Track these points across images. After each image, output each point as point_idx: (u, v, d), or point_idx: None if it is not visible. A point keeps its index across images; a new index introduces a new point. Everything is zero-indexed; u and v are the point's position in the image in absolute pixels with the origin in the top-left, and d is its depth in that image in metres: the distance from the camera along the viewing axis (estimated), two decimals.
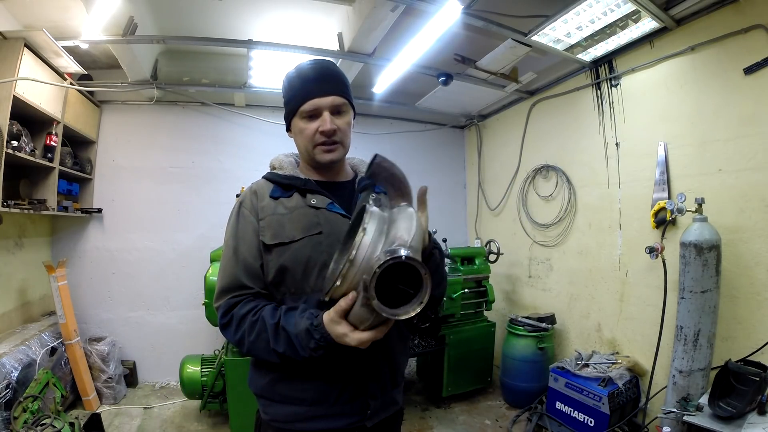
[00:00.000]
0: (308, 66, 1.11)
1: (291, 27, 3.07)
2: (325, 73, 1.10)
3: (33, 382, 2.53)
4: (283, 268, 1.03)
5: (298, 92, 1.08)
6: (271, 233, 1.04)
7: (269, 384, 1.05)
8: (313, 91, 1.07)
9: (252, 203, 1.09)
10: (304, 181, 1.11)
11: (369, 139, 4.51)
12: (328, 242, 1.04)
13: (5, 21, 2.52)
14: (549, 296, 3.71)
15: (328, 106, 1.07)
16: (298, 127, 1.10)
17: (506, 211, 4.30)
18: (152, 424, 3.09)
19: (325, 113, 1.07)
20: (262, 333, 0.96)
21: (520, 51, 2.89)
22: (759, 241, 2.18)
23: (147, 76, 3.34)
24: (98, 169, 3.73)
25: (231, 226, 1.10)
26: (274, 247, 1.03)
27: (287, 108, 1.13)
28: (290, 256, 1.02)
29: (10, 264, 3.04)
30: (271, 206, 1.08)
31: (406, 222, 0.83)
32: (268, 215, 1.07)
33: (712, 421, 1.89)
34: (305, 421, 1.02)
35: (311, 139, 1.08)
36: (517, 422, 3.09)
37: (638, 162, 2.86)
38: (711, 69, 2.41)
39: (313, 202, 1.08)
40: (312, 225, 1.05)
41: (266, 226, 1.05)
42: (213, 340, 3.72)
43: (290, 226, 1.05)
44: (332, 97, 1.07)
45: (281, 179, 1.12)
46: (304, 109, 1.07)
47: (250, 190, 1.13)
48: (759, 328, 2.16)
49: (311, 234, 1.04)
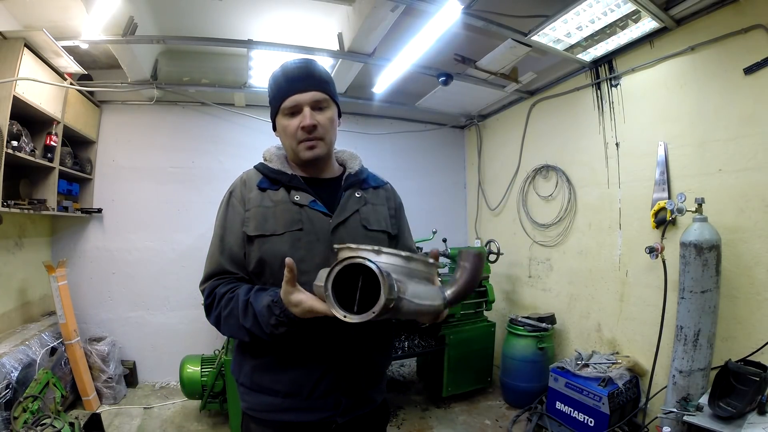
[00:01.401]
0: (290, 64, 1.12)
1: (291, 27, 3.07)
2: (304, 70, 1.10)
3: (33, 382, 2.53)
4: (262, 260, 1.05)
5: (280, 90, 1.10)
6: (254, 224, 1.07)
7: (249, 372, 1.08)
8: (293, 88, 1.08)
9: (241, 193, 1.12)
10: (289, 177, 1.12)
11: (369, 139, 4.51)
12: (307, 239, 1.06)
13: (5, 21, 2.52)
14: (549, 296, 3.71)
15: (308, 101, 1.08)
16: (281, 125, 1.12)
17: (506, 211, 4.30)
18: (152, 424, 3.09)
19: (306, 109, 1.08)
20: (234, 309, 0.99)
21: (520, 51, 2.89)
22: (759, 241, 2.18)
23: (147, 76, 3.34)
24: (98, 169, 3.73)
25: (220, 214, 1.13)
26: (255, 238, 1.06)
27: (272, 107, 1.15)
28: (269, 250, 1.05)
29: (10, 264, 3.03)
30: (258, 198, 1.10)
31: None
32: (254, 206, 1.09)
33: (712, 421, 1.89)
34: (279, 413, 1.05)
35: (294, 135, 1.09)
36: (517, 422, 3.09)
37: (638, 162, 2.86)
38: (711, 69, 2.41)
39: (296, 198, 1.09)
40: (293, 221, 1.07)
41: (251, 217, 1.08)
42: (213, 340, 3.72)
43: (273, 220, 1.07)
44: (312, 92, 1.08)
45: (269, 172, 1.14)
46: (285, 105, 1.09)
47: (240, 179, 1.16)
48: (759, 328, 2.16)
49: (292, 230, 1.06)
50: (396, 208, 1.28)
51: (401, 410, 3.32)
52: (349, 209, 1.14)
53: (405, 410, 3.33)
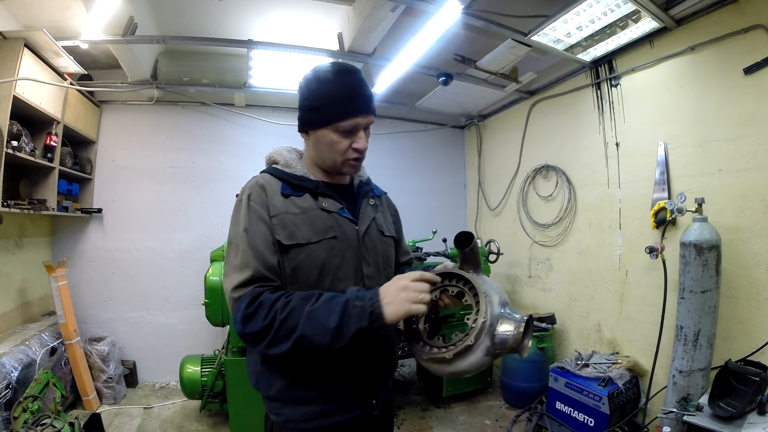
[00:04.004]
0: (349, 77, 1.06)
1: (291, 27, 3.07)
2: (367, 91, 1.07)
3: (33, 382, 2.53)
4: (297, 269, 1.02)
5: (339, 105, 1.03)
6: (286, 233, 1.02)
7: (284, 387, 1.04)
8: (357, 109, 1.04)
9: (261, 198, 1.04)
10: (315, 184, 1.10)
11: (369, 139, 4.51)
12: (341, 246, 1.06)
13: (5, 21, 2.52)
14: (549, 296, 3.71)
15: (366, 125, 1.07)
16: (328, 139, 1.06)
17: (506, 211, 4.30)
18: (152, 424, 3.09)
19: (361, 132, 1.07)
20: (295, 311, 0.91)
21: (520, 51, 2.89)
22: (759, 241, 2.18)
23: (147, 76, 3.34)
24: (98, 169, 3.73)
25: (242, 219, 1.03)
26: (291, 247, 1.01)
27: (316, 114, 1.06)
28: (306, 258, 1.02)
29: (10, 264, 3.04)
30: (283, 204, 1.05)
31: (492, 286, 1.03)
32: (281, 213, 1.03)
33: (712, 421, 1.89)
34: (321, 418, 1.05)
35: (343, 154, 1.07)
36: (517, 422, 3.09)
37: (638, 162, 2.86)
38: (711, 69, 2.41)
39: (324, 205, 1.08)
40: (327, 228, 1.05)
41: (279, 224, 1.02)
42: (213, 340, 3.72)
43: (305, 227, 1.03)
44: (371, 116, 1.07)
45: (291, 178, 1.10)
46: (344, 124, 1.03)
47: (256, 184, 1.08)
48: (759, 328, 2.16)
49: (327, 237, 1.04)
50: (395, 215, 1.35)
51: (401, 410, 3.32)
52: (368, 216, 1.17)
53: (405, 410, 3.33)
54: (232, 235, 1.04)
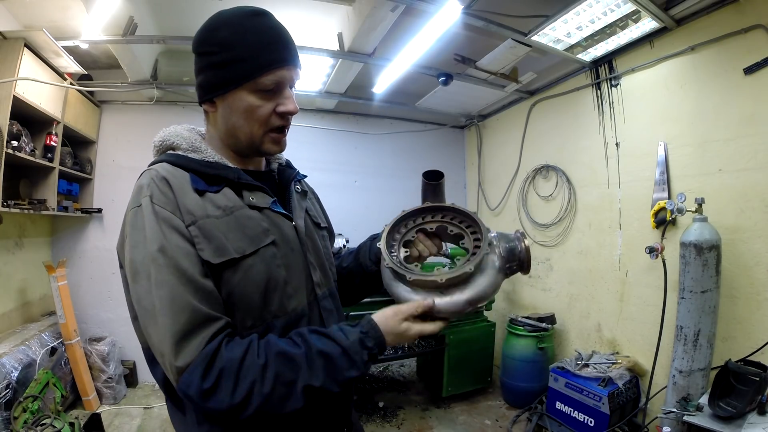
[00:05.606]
0: (263, 19, 0.81)
1: (291, 27, 3.04)
2: (288, 35, 0.84)
3: (33, 382, 2.53)
4: (232, 295, 0.75)
5: (257, 54, 0.78)
6: (212, 246, 0.73)
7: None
8: (280, 59, 0.80)
9: (168, 198, 0.75)
10: (236, 172, 0.82)
11: (369, 139, 4.51)
12: (283, 253, 0.81)
13: (5, 21, 2.52)
14: (549, 296, 3.71)
15: (292, 81, 0.83)
16: (244, 103, 0.80)
17: (506, 211, 4.30)
18: (152, 424, 3.09)
19: (287, 90, 0.83)
20: (281, 375, 0.69)
21: (520, 51, 2.89)
22: (759, 241, 2.18)
23: (147, 76, 3.34)
24: (98, 169, 3.73)
25: (149, 235, 0.71)
26: (223, 266, 0.74)
27: (226, 72, 0.79)
28: (243, 278, 0.75)
29: (10, 264, 3.03)
30: (198, 205, 0.76)
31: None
32: (200, 218, 0.74)
33: (712, 421, 1.89)
34: None
35: (265, 122, 0.82)
36: (517, 422, 3.09)
37: (638, 162, 2.86)
38: (711, 69, 2.41)
39: (252, 200, 0.81)
40: (262, 232, 0.79)
41: (200, 235, 0.73)
42: None
43: (234, 235, 0.76)
44: (297, 69, 0.84)
45: (200, 166, 0.81)
46: (265, 81, 0.78)
47: (155, 178, 0.76)
48: (759, 328, 2.16)
49: (264, 244, 0.78)
50: (318, 199, 1.12)
51: (401, 410, 3.32)
52: (301, 208, 0.93)
53: (405, 410, 3.33)
54: (139, 261, 0.71)
